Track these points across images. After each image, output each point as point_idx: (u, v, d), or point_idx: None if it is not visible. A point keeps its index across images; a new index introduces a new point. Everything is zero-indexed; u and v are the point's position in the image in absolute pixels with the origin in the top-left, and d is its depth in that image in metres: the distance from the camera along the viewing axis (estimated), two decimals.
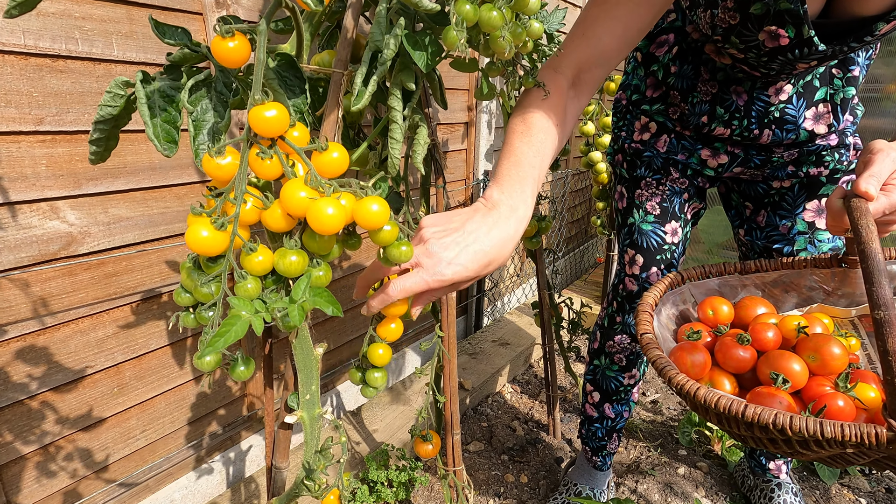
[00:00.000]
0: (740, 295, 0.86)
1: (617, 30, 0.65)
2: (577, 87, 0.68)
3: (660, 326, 0.81)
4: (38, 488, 0.98)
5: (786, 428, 0.55)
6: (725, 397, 0.60)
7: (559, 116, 0.64)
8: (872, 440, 0.52)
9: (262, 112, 0.40)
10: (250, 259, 0.40)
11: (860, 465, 0.62)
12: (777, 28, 0.70)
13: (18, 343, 0.91)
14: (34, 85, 0.84)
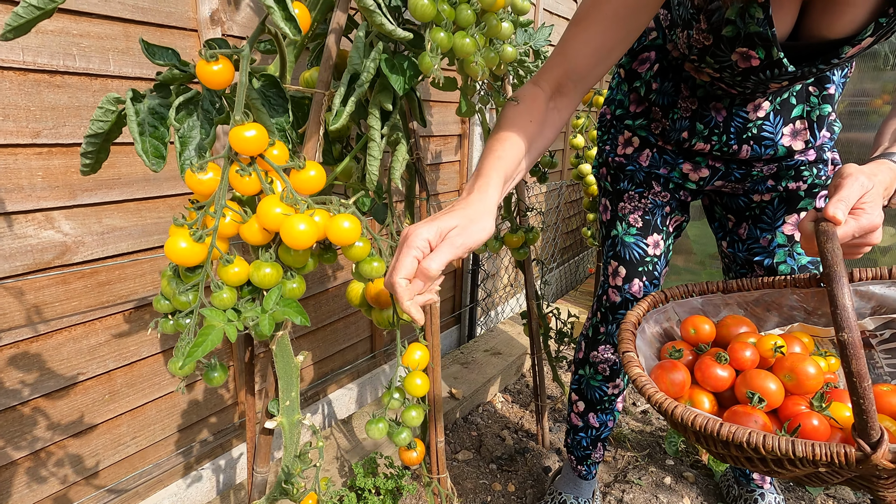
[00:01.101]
0: (723, 313, 0.87)
1: (590, 48, 0.69)
2: (557, 100, 0.71)
3: (644, 344, 0.83)
4: (28, 493, 0.99)
5: (759, 447, 0.57)
6: (701, 416, 0.62)
7: (535, 127, 0.67)
8: (842, 459, 0.53)
9: (242, 132, 0.42)
10: (227, 270, 0.43)
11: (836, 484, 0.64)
12: (748, 50, 0.73)
13: (12, 350, 0.93)
14: (32, 99, 0.87)
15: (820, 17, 0.69)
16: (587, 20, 0.67)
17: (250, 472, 0.70)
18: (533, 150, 0.68)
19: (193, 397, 1.24)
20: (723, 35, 0.73)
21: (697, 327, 0.78)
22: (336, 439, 1.48)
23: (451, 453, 1.52)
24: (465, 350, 2.05)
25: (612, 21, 0.66)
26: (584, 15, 0.67)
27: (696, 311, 0.86)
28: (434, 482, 0.97)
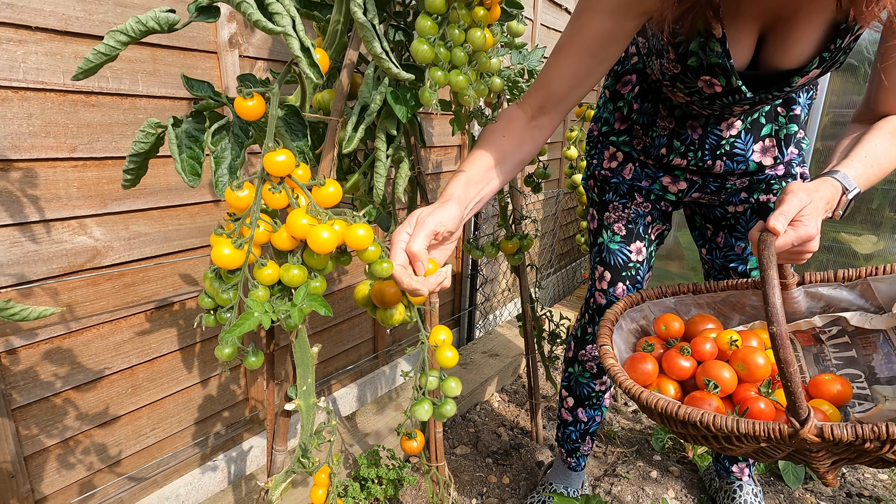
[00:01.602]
0: (693, 312, 0.96)
1: (568, 74, 0.77)
2: (539, 119, 0.80)
3: (620, 339, 0.92)
4: (58, 478, 1.08)
5: (710, 425, 0.66)
6: (663, 399, 0.71)
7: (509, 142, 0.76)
8: (777, 435, 0.62)
9: (273, 157, 0.51)
10: (261, 272, 0.51)
11: (779, 458, 0.72)
12: (711, 78, 0.82)
13: (46, 345, 1.01)
14: (70, 117, 0.96)
15: (774, 50, 0.78)
16: (565, 50, 0.76)
17: (269, 451, 0.78)
18: (508, 161, 0.77)
19: (208, 392, 1.32)
20: (689, 65, 0.82)
21: (668, 324, 0.87)
22: (340, 434, 1.56)
23: (449, 448, 1.60)
24: (463, 352, 2.13)
25: (586, 52, 0.75)
26: (562, 46, 0.76)
27: (669, 310, 0.95)
28: (433, 470, 1.05)
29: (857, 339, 0.82)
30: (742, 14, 0.76)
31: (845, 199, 0.74)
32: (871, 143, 0.78)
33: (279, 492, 0.69)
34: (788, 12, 0.74)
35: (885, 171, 0.79)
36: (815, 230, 0.68)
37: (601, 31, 0.74)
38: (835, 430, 0.59)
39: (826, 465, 0.66)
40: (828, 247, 2.20)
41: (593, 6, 0.73)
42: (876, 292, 0.79)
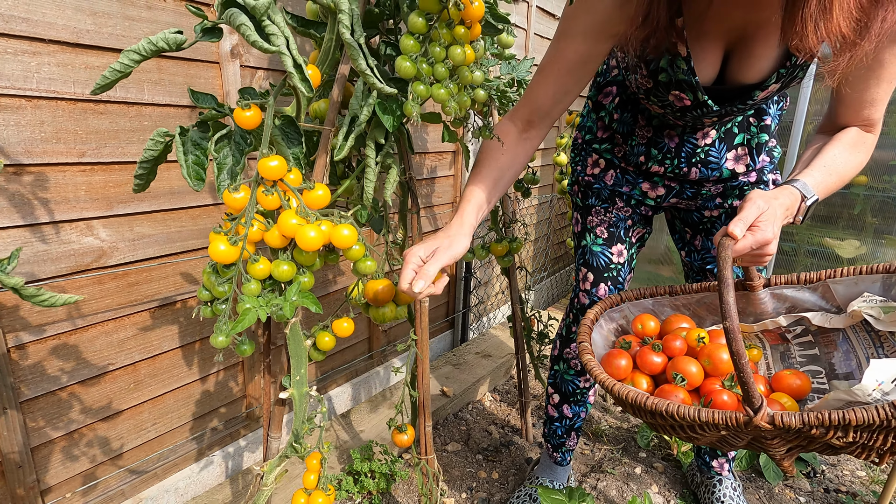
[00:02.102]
0: (669, 313, 1.01)
1: (550, 91, 0.84)
2: (528, 132, 0.90)
3: (600, 337, 0.97)
4: (62, 469, 1.12)
5: (674, 414, 0.71)
6: (633, 391, 0.76)
7: (507, 157, 0.87)
8: (733, 423, 0.67)
9: (267, 162, 0.57)
10: (254, 267, 0.56)
11: (741, 447, 0.77)
12: (680, 93, 0.87)
13: (54, 341, 1.06)
14: (79, 125, 1.02)
15: (737, 67, 0.84)
16: (547, 70, 0.84)
17: (265, 437, 0.83)
18: (507, 174, 0.88)
19: (207, 389, 1.37)
20: (659, 80, 0.88)
21: (644, 324, 0.92)
22: (335, 431, 1.60)
23: (441, 445, 1.65)
24: (457, 352, 2.18)
25: (565, 71, 0.82)
26: (544, 66, 0.84)
27: (647, 310, 1.00)
28: (423, 462, 1.10)
29: (820, 338, 0.87)
30: (706, 34, 0.82)
31: (804, 206, 0.80)
32: (830, 154, 0.84)
33: (273, 476, 0.74)
34: (749, 32, 0.80)
35: (843, 179, 0.85)
36: (772, 234, 0.73)
37: (577, 53, 0.81)
38: (784, 418, 0.64)
39: (781, 452, 0.71)
40: (812, 251, 2.26)
41: (570, 31, 0.81)
42: (834, 293, 0.85)
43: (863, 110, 0.82)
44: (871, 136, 0.85)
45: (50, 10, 0.94)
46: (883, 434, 0.63)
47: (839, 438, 0.64)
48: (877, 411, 0.60)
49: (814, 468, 1.58)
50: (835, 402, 0.66)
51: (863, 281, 0.82)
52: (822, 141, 0.89)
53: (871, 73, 0.78)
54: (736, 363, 0.62)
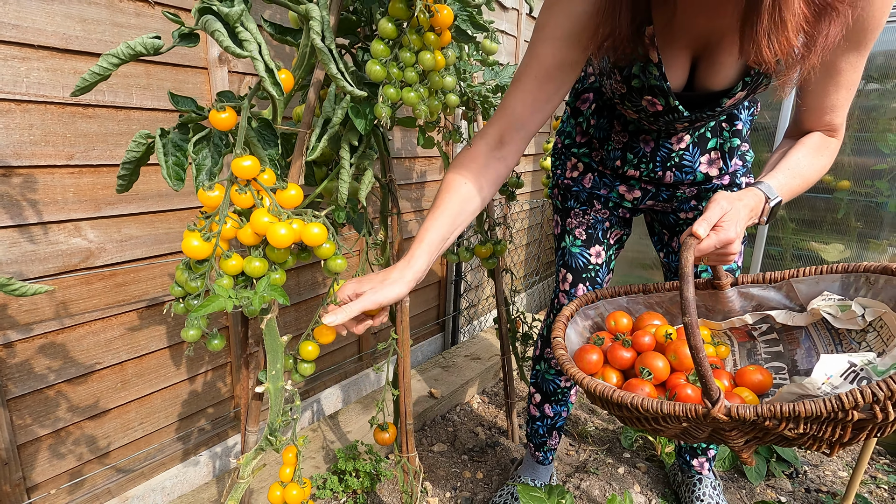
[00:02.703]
0: (642, 310, 1.03)
1: (528, 99, 0.84)
2: (502, 150, 0.85)
3: (575, 333, 0.99)
4: (49, 467, 1.14)
5: (638, 407, 0.73)
6: (601, 384, 0.78)
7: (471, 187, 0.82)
8: (693, 414, 0.69)
9: (240, 162, 0.59)
10: (226, 263, 0.59)
11: (703, 439, 0.79)
12: (653, 98, 0.90)
13: (41, 340, 1.08)
14: (68, 128, 1.04)
15: (705, 74, 0.87)
16: (524, 79, 0.83)
17: (243, 432, 0.85)
18: (470, 206, 0.83)
19: (194, 389, 1.39)
20: (633, 86, 0.90)
21: (617, 320, 0.94)
22: (323, 432, 1.62)
23: (427, 446, 1.66)
24: (446, 355, 2.20)
25: (543, 78, 0.83)
26: (521, 75, 0.84)
27: (622, 308, 1.02)
28: (403, 460, 1.12)
29: (784, 336, 0.90)
30: (675, 42, 0.84)
31: (768, 207, 0.82)
32: (794, 157, 0.86)
33: (250, 469, 0.76)
34: (713, 41, 0.83)
35: (807, 181, 0.87)
36: (735, 234, 0.75)
37: (554, 58, 0.81)
38: (739, 410, 0.66)
39: (740, 443, 0.73)
40: (798, 255, 2.28)
41: (546, 36, 0.82)
42: (797, 292, 0.87)
43: (824, 116, 0.85)
44: (835, 140, 0.88)
45: (40, 16, 0.97)
46: (831, 426, 0.65)
47: (791, 430, 0.66)
48: (824, 404, 0.62)
49: (796, 469, 1.59)
50: (788, 395, 0.68)
51: (823, 280, 0.84)
52: (788, 145, 0.91)
53: (830, 81, 0.81)
54: (694, 357, 0.64)
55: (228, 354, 1.45)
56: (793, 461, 1.59)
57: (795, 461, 1.59)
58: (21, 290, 0.56)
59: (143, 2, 1.10)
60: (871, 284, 0.80)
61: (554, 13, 0.80)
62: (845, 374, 0.69)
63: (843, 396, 0.61)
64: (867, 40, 0.76)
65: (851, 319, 0.78)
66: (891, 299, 0.76)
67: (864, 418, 0.63)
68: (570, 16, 0.79)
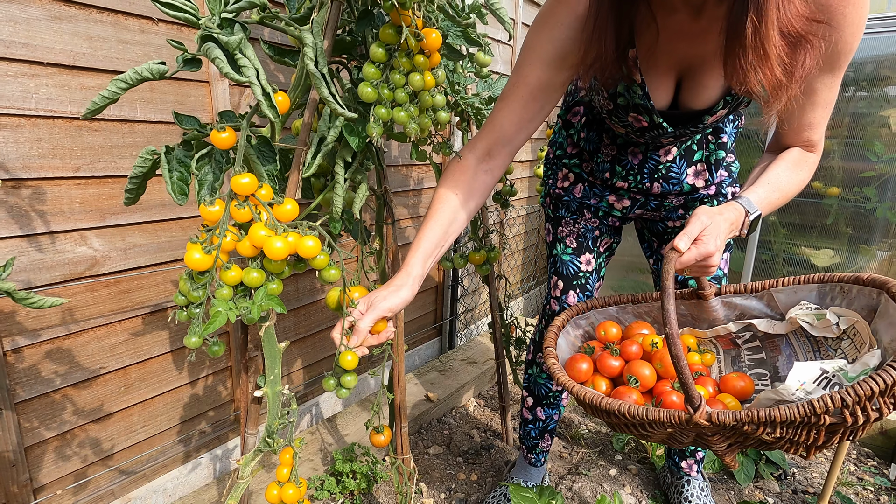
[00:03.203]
0: (631, 319, 1.07)
1: (514, 118, 0.89)
2: (489, 163, 0.91)
3: (566, 342, 1.03)
4: (54, 469, 1.17)
5: (625, 413, 0.76)
6: (590, 392, 0.81)
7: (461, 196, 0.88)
8: (676, 420, 0.72)
9: (239, 179, 0.63)
10: (226, 274, 0.62)
11: (688, 444, 0.82)
12: (637, 115, 0.94)
13: (48, 345, 1.12)
14: (75, 141, 1.08)
15: (688, 94, 0.90)
16: (510, 97, 0.88)
17: (243, 434, 0.89)
18: (461, 215, 0.88)
19: (195, 393, 1.43)
20: (618, 103, 0.94)
21: (606, 330, 0.98)
22: (321, 434, 1.65)
23: (423, 448, 1.70)
24: (443, 359, 2.24)
25: (529, 98, 0.87)
26: (507, 93, 0.88)
27: (612, 317, 1.06)
28: (398, 462, 1.15)
29: (766, 343, 0.93)
30: (659, 64, 0.88)
31: (748, 221, 0.85)
32: (774, 172, 0.90)
33: (249, 469, 0.79)
34: (695, 64, 0.87)
35: (786, 195, 0.91)
36: (714, 248, 0.79)
37: (540, 80, 0.86)
38: (719, 416, 0.69)
39: (722, 447, 0.76)
40: (789, 259, 2.32)
41: (531, 59, 0.86)
42: (777, 302, 0.91)
43: (802, 133, 0.89)
44: (814, 155, 0.92)
45: (49, 35, 1.01)
46: (805, 429, 0.69)
47: (769, 434, 0.70)
48: (797, 409, 0.66)
49: (784, 471, 1.63)
50: (765, 401, 0.72)
51: (801, 290, 0.88)
52: (768, 160, 0.95)
53: (807, 101, 0.85)
54: (676, 366, 0.67)
55: (229, 359, 1.48)
56: (781, 463, 1.62)
57: (783, 463, 1.62)
58: (38, 304, 0.60)
59: (146, 19, 1.15)
60: (846, 294, 0.83)
61: (540, 38, 0.84)
62: (818, 380, 0.73)
63: (815, 402, 0.64)
64: (841, 63, 0.80)
65: (827, 328, 0.81)
66: (863, 308, 0.80)
67: (835, 422, 0.67)
68: (556, 41, 0.83)
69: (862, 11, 0.73)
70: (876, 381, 0.61)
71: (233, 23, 0.62)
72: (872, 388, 0.61)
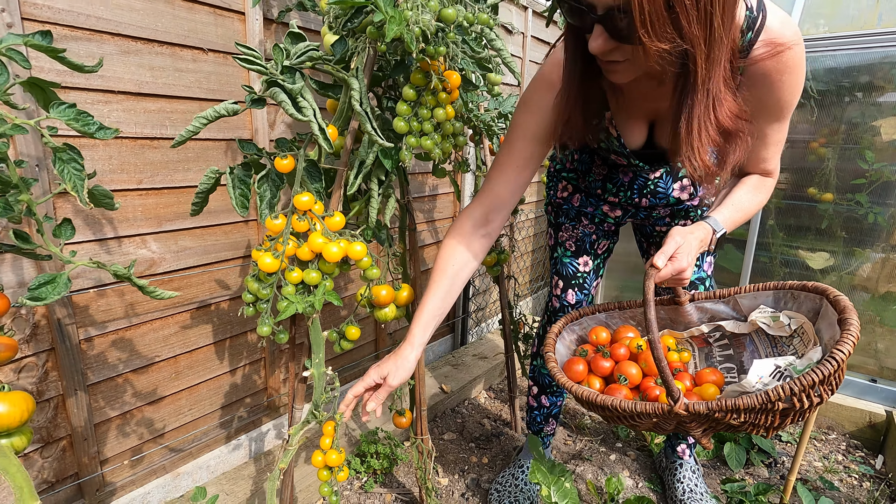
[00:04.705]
0: (619, 324, 1.20)
1: (509, 185, 1.03)
2: (486, 227, 1.03)
3: (563, 346, 1.17)
4: (116, 444, 1.34)
5: (616, 407, 0.89)
6: (587, 390, 0.95)
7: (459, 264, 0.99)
8: (660, 411, 0.86)
9: (300, 197, 0.78)
10: (290, 274, 0.77)
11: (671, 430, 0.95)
12: (617, 157, 1.08)
13: (113, 335, 1.28)
14: (138, 157, 1.25)
15: (659, 136, 1.04)
16: (503, 167, 1.01)
17: (290, 409, 1.04)
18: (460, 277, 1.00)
19: (234, 381, 1.59)
20: (601, 146, 1.08)
21: (598, 335, 1.11)
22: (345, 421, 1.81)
23: (438, 434, 1.85)
24: (456, 354, 2.38)
25: (522, 168, 1.01)
26: (501, 164, 1.01)
27: (602, 323, 1.19)
28: (418, 441, 1.30)
29: (734, 341, 1.07)
30: (630, 117, 1.02)
31: (715, 238, 0.99)
32: (738, 195, 1.03)
33: (297, 438, 0.95)
34: (661, 115, 1.00)
35: (747, 214, 1.04)
36: (686, 264, 0.92)
37: (528, 152, 1.01)
38: (695, 406, 0.83)
39: (699, 433, 0.90)
40: (786, 261, 2.43)
41: (520, 136, 1.00)
42: (741, 306, 1.04)
43: (759, 165, 1.03)
44: (770, 180, 1.05)
45: (119, 67, 1.17)
46: (764, 414, 0.82)
47: (735, 419, 0.83)
48: (756, 397, 0.79)
49: (774, 458, 1.75)
50: (731, 392, 0.85)
51: (760, 296, 1.01)
52: (733, 183, 1.08)
53: (761, 143, 0.98)
54: (657, 365, 0.80)
55: (262, 350, 1.64)
56: (771, 451, 1.74)
57: (773, 452, 1.75)
58: (159, 295, 0.75)
59: (198, 50, 1.31)
60: (796, 299, 0.97)
61: (526, 119, 0.99)
62: (773, 374, 0.86)
63: (770, 392, 0.78)
64: (786, 113, 0.94)
65: (781, 328, 0.95)
66: (809, 311, 0.94)
67: (787, 407, 0.80)
68: (538, 122, 0.98)
69: (798, 76, 0.87)
70: (816, 373, 0.75)
71: (293, 70, 0.78)
72: (814, 378, 0.75)
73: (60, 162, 0.65)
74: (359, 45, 0.85)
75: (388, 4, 0.66)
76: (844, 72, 2.32)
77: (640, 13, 0.64)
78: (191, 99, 1.32)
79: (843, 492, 1.60)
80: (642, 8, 0.63)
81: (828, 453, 1.83)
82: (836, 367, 0.75)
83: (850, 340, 0.77)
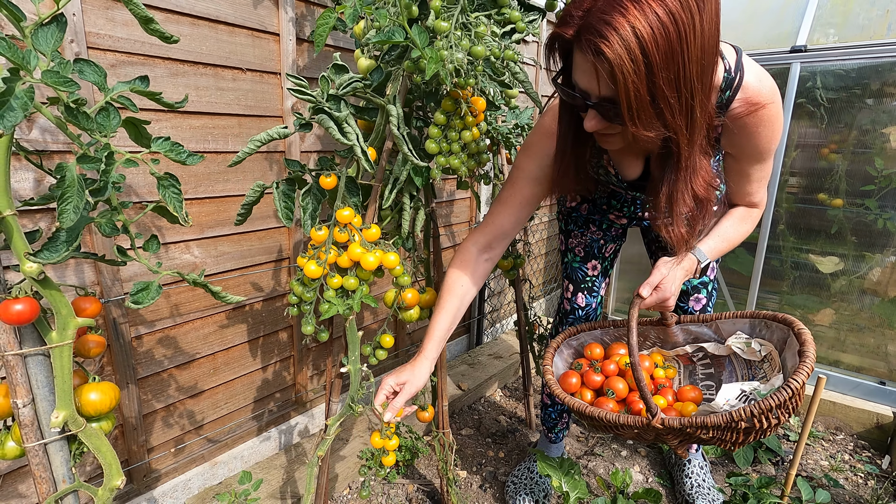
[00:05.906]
0: (613, 340, 1.28)
1: (512, 219, 1.12)
2: (489, 252, 1.12)
3: (560, 360, 1.25)
4: (161, 434, 1.45)
5: (602, 418, 0.98)
6: (577, 401, 1.03)
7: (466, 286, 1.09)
8: (640, 424, 0.94)
9: (342, 211, 0.87)
10: (331, 280, 0.87)
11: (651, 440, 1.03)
12: (615, 188, 1.16)
13: (160, 334, 1.39)
14: (184, 170, 1.35)
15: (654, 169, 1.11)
16: (507, 203, 1.10)
17: (328, 401, 1.13)
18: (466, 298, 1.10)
19: (266, 377, 1.69)
20: (600, 179, 1.16)
21: (592, 350, 1.20)
22: (368, 416, 1.90)
23: (456, 430, 1.93)
24: (472, 354, 2.47)
25: (524, 205, 1.10)
26: (505, 200, 1.10)
27: (598, 339, 1.27)
28: (440, 434, 1.39)
29: (715, 361, 1.15)
30: (625, 158, 1.10)
31: (699, 267, 1.07)
32: (724, 226, 1.11)
33: (334, 428, 1.04)
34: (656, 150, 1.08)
35: (733, 243, 1.11)
36: (670, 293, 1.00)
37: (530, 191, 1.09)
38: (670, 421, 0.91)
39: (675, 443, 0.98)
40: (796, 264, 2.48)
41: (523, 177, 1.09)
42: (722, 330, 1.12)
43: (745, 198, 1.10)
44: (757, 210, 1.12)
45: (168, 87, 1.28)
46: (729, 432, 0.90)
47: (704, 434, 0.92)
48: (721, 417, 0.87)
49: (781, 457, 1.81)
50: (703, 411, 0.94)
51: (738, 322, 1.09)
52: (722, 213, 1.15)
53: (745, 180, 1.07)
54: (637, 385, 0.89)
55: (291, 348, 1.74)
56: (777, 450, 1.80)
57: (780, 450, 1.81)
58: (227, 299, 0.85)
59: (237, 70, 1.41)
60: (768, 327, 1.05)
61: (528, 163, 1.07)
62: (739, 396, 0.96)
63: (734, 413, 0.86)
64: (766, 156, 1.02)
65: (753, 353, 1.03)
66: (779, 340, 1.02)
67: (748, 426, 0.88)
68: (540, 167, 1.06)
69: (774, 128, 0.95)
70: (774, 398, 0.83)
71: (338, 98, 0.87)
72: (771, 403, 0.83)
73: (163, 188, 0.76)
74: (394, 71, 0.94)
75: (425, 44, 0.75)
76: (854, 80, 2.37)
77: (629, 108, 0.73)
78: (230, 115, 1.42)
79: (847, 489, 1.66)
80: (630, 104, 0.72)
81: (835, 453, 1.89)
82: (791, 394, 0.83)
83: (805, 371, 0.85)
